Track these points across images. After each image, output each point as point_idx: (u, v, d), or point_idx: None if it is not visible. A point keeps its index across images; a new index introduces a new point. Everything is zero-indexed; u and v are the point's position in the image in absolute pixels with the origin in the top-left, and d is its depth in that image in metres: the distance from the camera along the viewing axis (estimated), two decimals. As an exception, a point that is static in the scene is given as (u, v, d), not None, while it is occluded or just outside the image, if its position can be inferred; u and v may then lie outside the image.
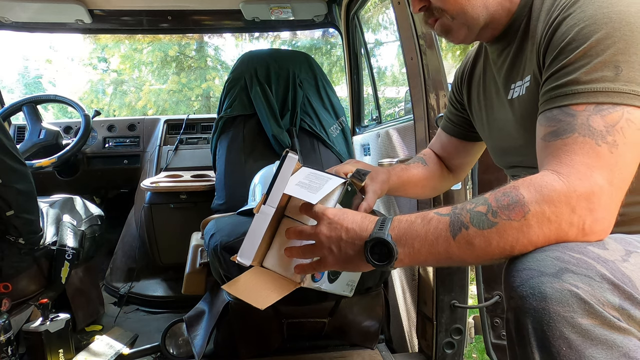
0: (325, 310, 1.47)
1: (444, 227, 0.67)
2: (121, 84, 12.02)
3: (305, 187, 0.85)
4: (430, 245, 0.67)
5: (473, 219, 0.65)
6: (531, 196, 0.63)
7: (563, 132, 0.66)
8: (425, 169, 1.16)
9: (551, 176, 0.64)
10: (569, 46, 0.68)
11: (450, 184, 1.24)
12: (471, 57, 1.08)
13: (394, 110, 5.68)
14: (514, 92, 0.85)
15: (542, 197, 0.62)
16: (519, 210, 0.63)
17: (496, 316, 1.44)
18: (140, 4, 2.34)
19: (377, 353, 1.53)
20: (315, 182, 0.85)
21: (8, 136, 1.35)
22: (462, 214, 0.66)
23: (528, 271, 0.59)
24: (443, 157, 1.19)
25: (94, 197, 2.67)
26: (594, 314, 0.55)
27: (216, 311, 1.49)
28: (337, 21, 2.42)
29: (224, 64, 11.40)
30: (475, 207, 0.66)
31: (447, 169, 1.20)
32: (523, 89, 0.82)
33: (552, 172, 0.65)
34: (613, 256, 0.60)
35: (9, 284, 1.44)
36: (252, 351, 1.48)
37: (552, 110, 0.69)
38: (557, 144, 0.67)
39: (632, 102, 0.63)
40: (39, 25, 2.42)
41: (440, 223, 0.67)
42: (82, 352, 1.63)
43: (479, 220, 0.65)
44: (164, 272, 2.35)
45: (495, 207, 0.64)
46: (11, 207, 1.35)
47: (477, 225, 0.64)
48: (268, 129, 1.94)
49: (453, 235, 0.66)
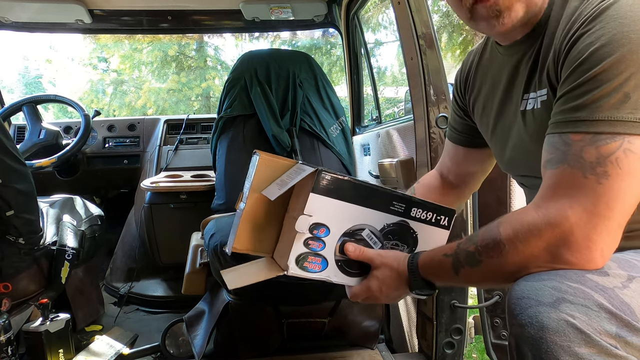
0: (325, 310, 1.47)
1: (449, 268, 0.76)
2: (121, 83, 12.02)
3: (279, 184, 0.89)
4: (445, 279, 0.80)
5: (466, 258, 0.73)
6: (507, 233, 0.68)
7: (556, 161, 0.67)
8: None
9: (530, 210, 0.68)
10: (582, 66, 0.66)
11: (459, 201, 1.20)
12: (474, 61, 1.02)
13: (394, 111, 5.69)
14: (527, 103, 0.81)
15: (515, 233, 0.67)
16: (496, 249, 0.68)
17: (496, 316, 1.44)
18: (140, 4, 2.34)
19: (377, 353, 1.53)
20: (290, 177, 0.88)
21: (8, 136, 1.35)
22: (460, 255, 0.75)
23: (527, 300, 0.61)
24: (451, 172, 1.16)
25: (94, 197, 2.67)
26: (590, 342, 0.56)
27: (216, 311, 1.49)
28: (337, 21, 2.42)
29: (224, 63, 11.40)
30: (468, 247, 0.73)
31: (454, 186, 1.16)
32: (538, 102, 0.78)
33: (533, 206, 0.68)
34: (613, 283, 0.61)
35: (9, 284, 1.44)
36: (252, 351, 1.48)
37: (554, 136, 0.69)
38: (548, 174, 0.68)
39: (634, 130, 0.61)
40: (39, 25, 2.42)
41: (447, 264, 0.77)
42: (82, 352, 1.63)
43: (470, 259, 0.73)
44: (164, 272, 2.35)
45: (480, 247, 0.71)
46: (11, 207, 1.35)
47: (470, 264, 0.73)
48: (268, 129, 1.94)
49: (456, 273, 0.75)
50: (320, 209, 0.85)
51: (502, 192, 1.40)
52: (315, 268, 0.88)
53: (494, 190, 1.40)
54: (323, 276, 0.89)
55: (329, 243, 0.87)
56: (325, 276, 0.89)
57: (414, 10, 1.39)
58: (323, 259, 0.88)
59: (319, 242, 0.87)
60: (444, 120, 1.40)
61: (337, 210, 0.86)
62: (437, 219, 0.93)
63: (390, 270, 0.86)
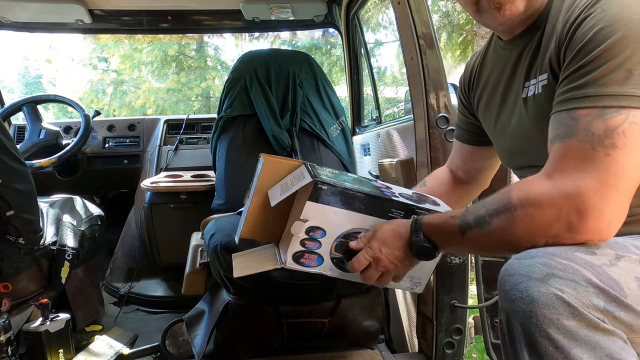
0: (325, 310, 1.47)
1: (455, 228, 0.77)
2: (121, 83, 12.02)
3: (282, 187, 0.92)
4: (450, 240, 0.81)
5: (475, 220, 0.74)
6: (519, 199, 0.69)
7: (564, 136, 0.69)
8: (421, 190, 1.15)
9: (542, 179, 0.69)
10: (586, 47, 0.69)
11: (469, 196, 1.23)
12: (478, 60, 1.06)
13: (393, 111, 5.69)
14: (528, 90, 0.84)
15: (528, 199, 0.68)
16: (507, 212, 0.69)
17: (496, 316, 1.44)
18: (140, 4, 2.34)
19: (377, 353, 1.53)
20: (293, 181, 0.90)
21: (8, 136, 1.35)
22: (469, 216, 0.76)
23: (518, 276, 0.63)
24: (460, 169, 1.19)
25: (94, 197, 2.67)
26: (578, 316, 0.58)
27: (216, 311, 1.49)
28: (337, 21, 2.42)
29: (224, 63, 11.40)
30: (478, 210, 0.74)
31: (464, 181, 1.19)
32: (539, 87, 0.81)
33: (544, 176, 0.69)
34: (600, 261, 0.63)
35: (9, 284, 1.44)
36: (252, 351, 1.48)
37: (561, 114, 0.71)
38: (557, 148, 0.70)
39: (638, 104, 0.64)
40: (39, 25, 2.42)
41: (454, 224, 0.78)
42: (82, 352, 1.63)
43: (479, 221, 0.73)
44: (164, 272, 2.35)
45: (491, 210, 0.72)
46: (11, 207, 1.35)
47: (478, 226, 0.74)
48: (268, 129, 1.94)
49: (462, 233, 0.76)
50: (316, 214, 0.87)
51: (502, 191, 1.40)
52: (311, 263, 0.92)
53: (494, 191, 1.40)
54: (319, 270, 0.93)
55: (325, 243, 0.90)
56: (320, 270, 0.93)
57: (414, 10, 1.39)
58: (319, 256, 0.92)
59: (315, 242, 0.90)
60: (444, 120, 1.40)
61: (333, 216, 0.88)
62: None
63: (391, 230, 0.86)
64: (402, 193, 0.96)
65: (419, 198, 0.98)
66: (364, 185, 0.92)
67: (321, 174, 0.88)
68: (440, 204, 0.99)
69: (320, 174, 0.88)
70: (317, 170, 0.90)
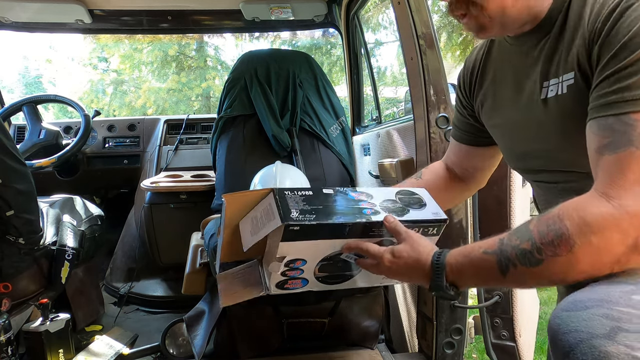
0: (325, 310, 1.47)
1: (492, 267, 0.67)
2: (121, 83, 12.02)
3: (253, 225, 0.86)
4: (483, 281, 0.73)
5: (519, 257, 0.64)
6: (576, 228, 0.60)
7: (618, 145, 0.61)
8: (415, 183, 1.10)
9: (599, 200, 0.60)
10: (632, 42, 0.62)
11: (464, 194, 1.19)
12: (480, 56, 0.97)
13: (393, 111, 5.69)
14: (549, 90, 0.76)
15: (589, 228, 0.59)
16: (564, 246, 0.60)
17: (496, 316, 1.44)
18: (140, 4, 2.34)
19: (377, 353, 1.53)
20: (263, 219, 0.83)
21: (8, 136, 1.35)
22: (508, 251, 0.66)
23: (576, 334, 0.54)
24: (457, 166, 1.13)
25: (94, 197, 2.67)
26: None
27: (216, 311, 1.49)
28: (337, 21, 2.42)
29: (224, 63, 11.40)
30: (521, 244, 0.65)
31: (460, 179, 1.13)
32: (562, 87, 0.73)
33: (600, 195, 0.61)
34: None
35: (9, 284, 1.44)
36: (252, 351, 1.48)
37: (608, 118, 0.63)
38: (611, 160, 0.61)
39: None
40: (39, 25, 2.42)
41: (488, 263, 0.68)
42: (82, 352, 1.63)
43: (525, 258, 0.64)
44: (164, 272, 2.35)
45: (540, 243, 0.62)
46: (11, 207, 1.35)
47: (524, 264, 0.64)
48: (268, 129, 1.94)
49: (503, 273, 0.66)
50: (293, 250, 0.82)
51: (502, 192, 1.40)
52: (296, 286, 0.88)
53: (494, 191, 1.40)
54: (305, 289, 0.89)
55: (308, 268, 0.86)
56: (307, 289, 0.89)
57: (414, 10, 1.39)
58: (303, 280, 0.88)
59: (297, 270, 0.85)
60: (444, 120, 1.40)
61: (312, 246, 0.82)
62: (424, 231, 0.89)
63: (410, 256, 0.78)
64: (385, 200, 0.89)
65: (403, 204, 0.90)
66: (340, 203, 0.84)
67: (292, 209, 0.79)
68: (425, 204, 0.92)
69: (291, 210, 0.79)
70: (287, 201, 0.81)
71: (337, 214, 0.81)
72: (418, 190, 0.95)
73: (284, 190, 0.83)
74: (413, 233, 0.81)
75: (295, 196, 0.82)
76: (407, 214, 0.87)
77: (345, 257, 0.87)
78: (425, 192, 0.95)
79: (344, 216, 0.81)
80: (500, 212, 1.40)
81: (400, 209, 0.88)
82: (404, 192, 0.94)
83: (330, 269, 0.88)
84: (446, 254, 0.75)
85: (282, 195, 0.81)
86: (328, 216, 0.80)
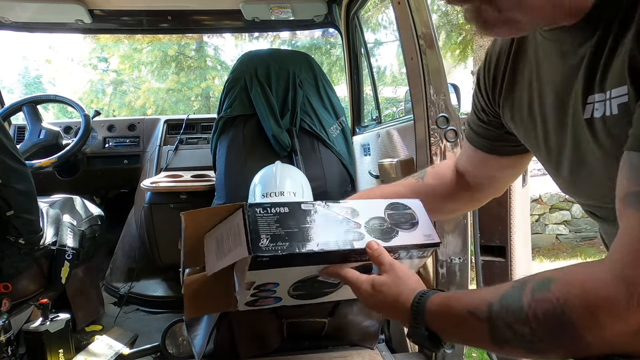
0: (325, 310, 1.47)
1: (484, 336, 0.57)
2: (121, 83, 12.02)
3: (218, 245, 0.76)
4: (475, 345, 0.63)
5: (517, 339, 0.54)
6: (586, 322, 0.48)
7: None
8: (416, 186, 0.96)
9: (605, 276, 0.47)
10: None
11: (473, 205, 1.04)
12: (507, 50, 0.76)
13: (393, 111, 5.69)
14: (594, 109, 0.57)
15: (591, 314, 0.47)
16: (569, 340, 0.49)
17: (496, 316, 1.44)
18: (140, 4, 2.34)
19: (377, 353, 1.53)
20: (229, 241, 0.73)
21: (8, 136, 1.35)
22: (501, 328, 0.55)
23: None
24: (469, 172, 0.95)
25: (94, 197, 2.67)
26: None
27: (216, 311, 1.49)
28: (337, 21, 2.42)
29: (224, 63, 11.40)
30: (515, 324, 0.53)
31: (470, 186, 0.96)
32: (612, 106, 0.54)
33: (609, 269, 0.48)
34: None
35: (9, 284, 1.44)
36: (252, 351, 1.48)
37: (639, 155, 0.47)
38: (630, 218, 0.48)
39: None
40: (39, 25, 2.42)
41: (479, 330, 0.57)
42: (82, 352, 1.63)
43: (524, 343, 0.53)
44: (164, 272, 2.35)
45: (542, 334, 0.51)
46: (11, 207, 1.35)
47: (524, 348, 0.54)
48: (268, 129, 1.94)
49: (498, 346, 0.57)
50: (262, 276, 0.72)
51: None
52: (268, 303, 0.79)
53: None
54: (279, 305, 0.81)
55: (280, 289, 0.77)
56: (281, 304, 0.81)
57: (414, 10, 1.39)
58: (276, 298, 0.79)
59: (268, 291, 0.76)
60: (444, 120, 1.40)
61: (284, 272, 0.72)
62: (412, 254, 0.80)
63: (391, 292, 0.68)
64: (372, 219, 0.77)
65: (392, 224, 0.78)
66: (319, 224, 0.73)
67: (262, 234, 0.68)
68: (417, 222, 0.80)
69: (261, 236, 0.68)
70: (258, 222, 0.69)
71: (314, 240, 0.70)
72: (411, 203, 0.83)
73: (255, 207, 0.71)
74: (398, 265, 0.71)
75: (267, 215, 0.71)
76: (396, 238, 0.76)
77: (325, 279, 0.77)
78: (420, 206, 0.83)
79: (322, 242, 0.71)
80: (500, 214, 1.40)
81: (389, 230, 0.77)
82: (395, 206, 0.81)
83: (306, 289, 0.79)
84: (428, 297, 0.64)
85: (252, 214, 0.70)
86: (303, 242, 0.69)
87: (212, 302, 0.84)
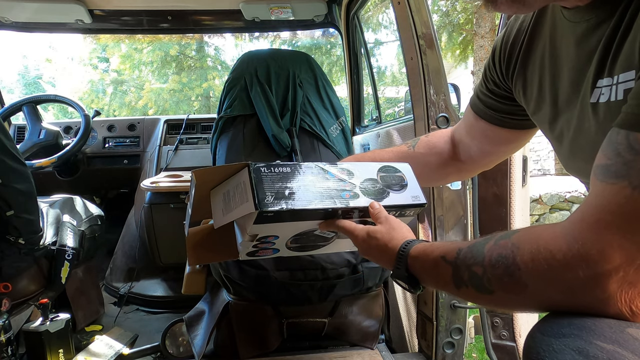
0: (325, 310, 1.47)
1: (448, 278, 0.62)
2: (121, 83, 12.03)
3: (225, 201, 0.82)
4: (442, 287, 0.67)
5: (471, 279, 0.58)
6: (529, 270, 0.51)
7: (613, 174, 0.47)
8: (407, 154, 0.99)
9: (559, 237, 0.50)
10: None
11: (461, 175, 1.08)
12: (527, 26, 0.75)
13: (394, 110, 5.69)
14: (600, 93, 0.56)
15: (542, 274, 0.50)
16: (514, 286, 0.52)
17: (496, 316, 1.44)
18: (140, 4, 2.34)
19: (377, 353, 1.53)
20: (236, 197, 0.79)
21: (8, 136, 1.35)
22: (462, 269, 0.59)
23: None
24: (464, 142, 0.97)
25: (94, 197, 2.67)
26: None
27: (216, 311, 1.49)
28: (337, 21, 2.42)
29: (224, 63, 11.41)
30: (473, 266, 0.58)
31: (461, 158, 0.99)
32: (618, 92, 0.53)
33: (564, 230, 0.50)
34: None
35: (9, 284, 1.44)
36: (252, 351, 1.48)
37: (620, 132, 0.48)
38: (599, 189, 0.49)
39: None
40: (39, 25, 2.42)
41: (445, 272, 0.63)
42: (82, 352, 1.63)
43: (476, 283, 0.57)
44: (164, 272, 2.35)
45: (490, 274, 0.55)
46: (11, 207, 1.35)
47: (475, 288, 0.58)
48: (268, 129, 1.94)
49: (457, 287, 0.61)
50: (264, 230, 0.79)
51: (501, 189, 1.40)
52: (267, 254, 0.88)
53: (494, 188, 1.40)
54: (276, 256, 0.90)
55: (280, 242, 0.85)
56: (277, 256, 0.90)
57: (414, 10, 1.39)
58: (274, 249, 0.88)
59: (268, 243, 0.85)
60: (444, 120, 1.40)
61: (285, 226, 0.80)
62: (401, 212, 0.87)
63: (383, 239, 0.76)
64: (366, 180, 0.86)
65: (384, 185, 0.86)
66: (319, 184, 0.81)
67: (267, 191, 0.75)
68: (407, 184, 0.88)
69: (266, 194, 0.74)
70: (263, 181, 0.76)
71: (315, 198, 0.78)
72: (401, 167, 0.91)
73: (260, 166, 0.78)
74: (392, 219, 0.79)
75: (271, 174, 0.78)
76: (387, 198, 0.85)
77: (320, 233, 0.86)
78: (409, 170, 0.91)
79: (322, 200, 0.78)
80: (500, 210, 1.40)
81: (380, 190, 0.86)
82: (386, 169, 0.90)
83: (304, 241, 0.87)
84: (413, 245, 0.71)
85: (257, 173, 0.77)
86: (304, 200, 0.77)
87: (214, 253, 0.93)
